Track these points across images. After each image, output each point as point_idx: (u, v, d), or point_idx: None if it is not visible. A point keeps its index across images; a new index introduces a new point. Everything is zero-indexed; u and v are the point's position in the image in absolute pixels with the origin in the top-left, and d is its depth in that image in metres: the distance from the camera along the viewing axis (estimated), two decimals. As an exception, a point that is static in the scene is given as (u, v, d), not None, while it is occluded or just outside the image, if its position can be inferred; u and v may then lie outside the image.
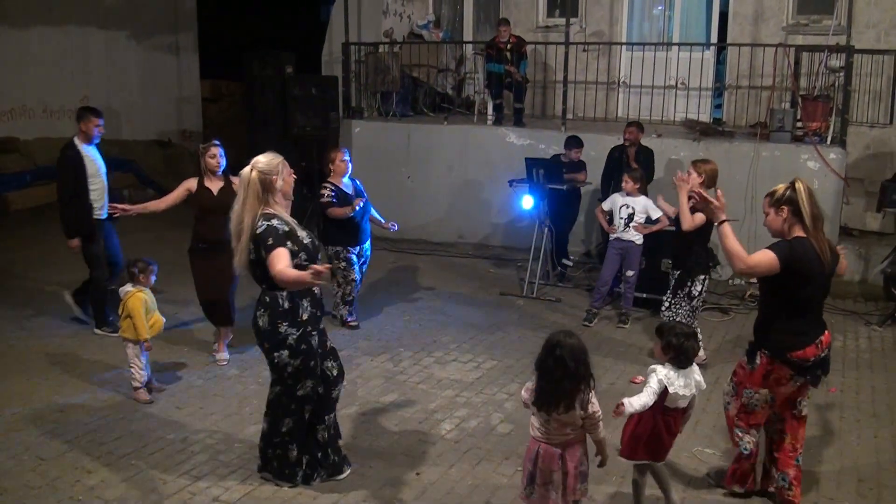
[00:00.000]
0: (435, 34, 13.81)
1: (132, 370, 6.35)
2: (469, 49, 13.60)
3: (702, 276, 7.12)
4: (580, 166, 9.97)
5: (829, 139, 10.03)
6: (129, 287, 6.34)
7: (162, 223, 12.17)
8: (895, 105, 10.79)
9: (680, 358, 4.54)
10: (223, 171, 7.12)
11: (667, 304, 7.27)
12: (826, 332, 4.89)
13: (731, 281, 9.76)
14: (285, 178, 4.90)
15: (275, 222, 4.71)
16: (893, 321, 8.55)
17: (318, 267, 4.40)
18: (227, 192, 6.97)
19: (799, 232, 4.71)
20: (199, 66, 17.39)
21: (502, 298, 9.31)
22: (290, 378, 4.92)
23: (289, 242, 4.69)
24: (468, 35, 14.24)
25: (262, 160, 4.84)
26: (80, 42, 14.66)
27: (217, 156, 7.05)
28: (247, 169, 4.80)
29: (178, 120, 16.86)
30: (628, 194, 8.34)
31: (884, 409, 6.51)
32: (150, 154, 15.48)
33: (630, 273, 8.46)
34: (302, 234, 4.84)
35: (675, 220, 7.58)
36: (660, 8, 13.04)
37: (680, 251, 7.21)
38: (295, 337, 4.83)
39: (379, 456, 5.57)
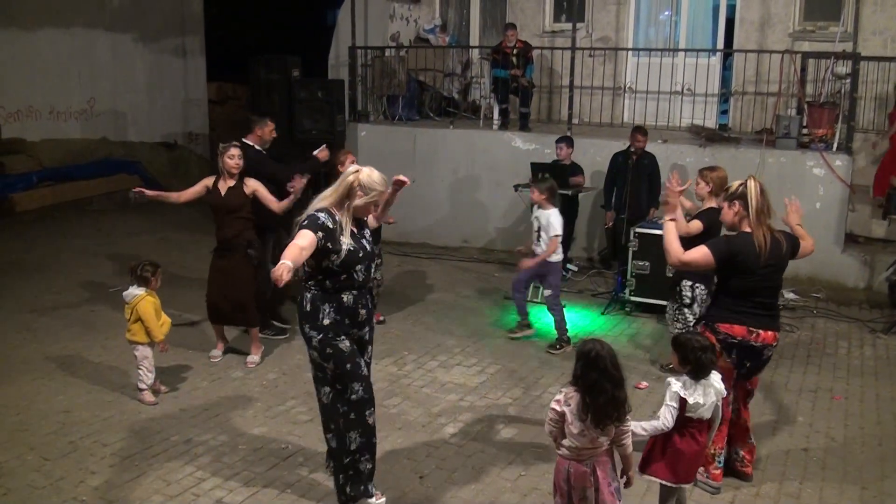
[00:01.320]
0: (441, 38, 13.83)
1: (140, 372, 6.36)
2: (475, 53, 13.62)
3: (689, 283, 6.90)
4: (577, 170, 9.97)
5: (835, 146, 10.03)
6: (136, 290, 6.33)
7: (168, 225, 12.25)
8: (901, 112, 10.78)
9: (697, 371, 4.48)
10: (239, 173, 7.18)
11: (669, 312, 7.20)
12: (770, 332, 5.09)
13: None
14: (366, 203, 4.70)
15: (322, 214, 4.57)
16: (898, 329, 8.54)
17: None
18: (235, 193, 7.07)
19: (746, 227, 5.05)
20: (205, 68, 17.42)
21: (507, 303, 9.30)
22: (337, 381, 4.77)
23: (320, 233, 4.50)
24: (474, 40, 14.26)
25: (368, 174, 4.68)
26: (87, 44, 14.68)
27: (235, 156, 7.08)
28: (352, 168, 4.72)
29: (184, 122, 16.88)
30: (539, 206, 7.86)
31: (888, 417, 6.50)
32: (155, 156, 15.50)
33: (548, 293, 7.96)
34: (345, 240, 4.62)
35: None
36: (666, 13, 13.05)
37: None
38: (318, 339, 4.70)
39: (382, 460, 5.56)
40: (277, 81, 11.21)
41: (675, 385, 4.50)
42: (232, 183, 7.11)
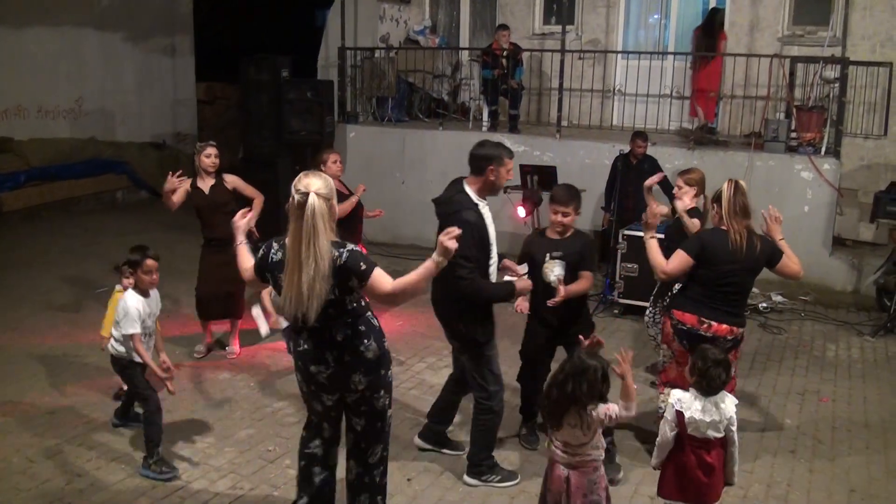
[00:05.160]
0: (431, 40, 13.82)
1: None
2: (465, 55, 13.62)
3: (680, 286, 6.96)
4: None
5: (823, 150, 10.06)
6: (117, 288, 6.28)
7: (156, 225, 12.20)
8: (889, 117, 10.84)
9: (702, 383, 4.29)
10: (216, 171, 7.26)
11: (649, 313, 7.18)
12: (725, 325, 5.20)
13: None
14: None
15: (352, 247, 4.05)
16: (886, 332, 8.57)
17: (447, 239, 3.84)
18: (218, 190, 7.17)
19: (723, 224, 5.26)
20: (194, 68, 17.37)
21: (496, 305, 9.27)
22: (388, 408, 4.44)
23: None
24: (464, 41, 14.26)
25: (318, 182, 3.99)
26: (76, 43, 14.61)
27: (212, 156, 7.16)
28: (309, 199, 3.90)
29: (173, 122, 16.82)
30: None
31: (875, 419, 6.52)
32: (144, 156, 15.44)
33: None
34: None
35: (664, 229, 7.55)
36: (655, 17, 13.08)
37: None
38: (392, 377, 4.39)
39: (370, 461, 5.55)
40: (266, 82, 11.19)
41: (673, 397, 4.36)
42: (212, 181, 7.19)
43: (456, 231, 3.92)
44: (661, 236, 7.46)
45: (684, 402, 4.31)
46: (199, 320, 7.59)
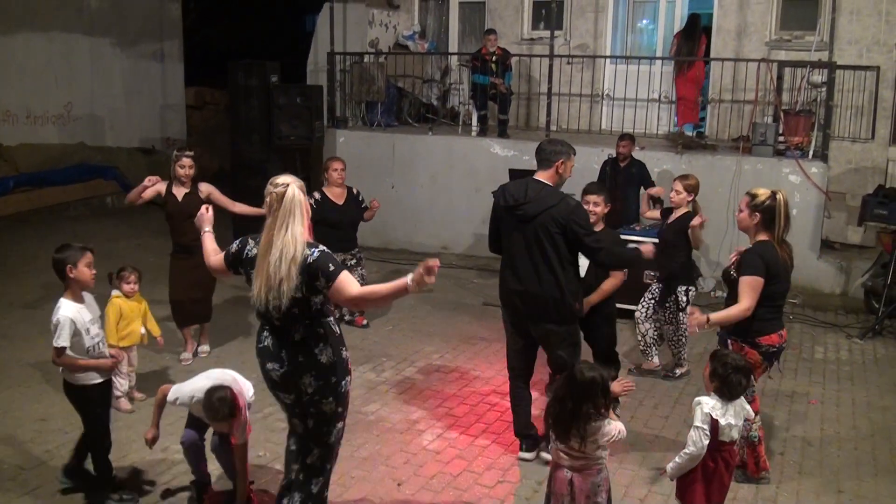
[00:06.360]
0: (420, 45, 13.85)
1: (115, 379, 6.29)
2: (454, 60, 13.65)
3: (683, 288, 7.14)
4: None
5: (810, 153, 10.12)
6: (113, 293, 6.30)
7: (145, 230, 12.18)
8: (876, 120, 10.91)
9: (723, 389, 4.31)
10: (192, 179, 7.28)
11: (645, 313, 7.29)
12: (784, 328, 5.37)
13: (713, 293, 9.81)
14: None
15: (323, 248, 4.08)
16: (874, 334, 8.61)
17: (430, 263, 3.93)
18: (191, 199, 7.13)
19: (763, 236, 5.21)
20: (183, 73, 17.36)
21: (485, 309, 9.31)
22: (337, 417, 4.29)
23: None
24: (453, 46, 14.29)
25: (293, 177, 4.10)
26: (65, 48, 14.59)
27: (186, 166, 7.14)
28: (289, 189, 4.01)
29: (162, 127, 16.80)
30: None
31: (864, 421, 6.55)
32: (133, 161, 15.41)
33: None
34: None
35: (657, 232, 7.62)
36: (644, 21, 13.13)
37: (664, 261, 7.18)
38: (349, 359, 4.28)
39: (360, 466, 5.56)
40: (256, 87, 11.19)
41: (707, 405, 4.29)
42: (187, 189, 7.19)
43: (438, 265, 3.97)
44: (656, 240, 7.58)
45: (717, 409, 4.30)
46: (178, 328, 7.57)
